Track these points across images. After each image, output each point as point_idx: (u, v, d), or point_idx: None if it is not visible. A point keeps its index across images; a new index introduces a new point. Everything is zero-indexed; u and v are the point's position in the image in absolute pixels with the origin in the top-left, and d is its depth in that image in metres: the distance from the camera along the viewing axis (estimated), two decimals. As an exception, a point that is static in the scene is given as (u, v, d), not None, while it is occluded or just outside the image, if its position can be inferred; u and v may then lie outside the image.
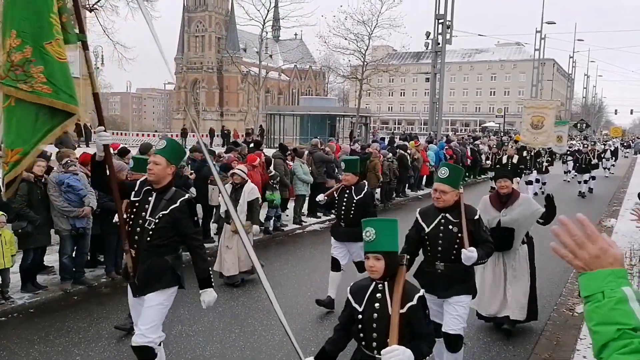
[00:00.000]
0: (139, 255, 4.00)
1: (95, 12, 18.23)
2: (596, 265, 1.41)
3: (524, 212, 5.44)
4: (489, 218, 5.38)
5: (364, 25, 33.43)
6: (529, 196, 5.57)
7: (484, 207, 5.47)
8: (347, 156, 9.66)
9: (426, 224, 4.32)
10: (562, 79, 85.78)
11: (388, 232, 2.89)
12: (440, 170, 4.24)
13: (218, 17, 76.19)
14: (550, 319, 6.32)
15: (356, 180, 6.38)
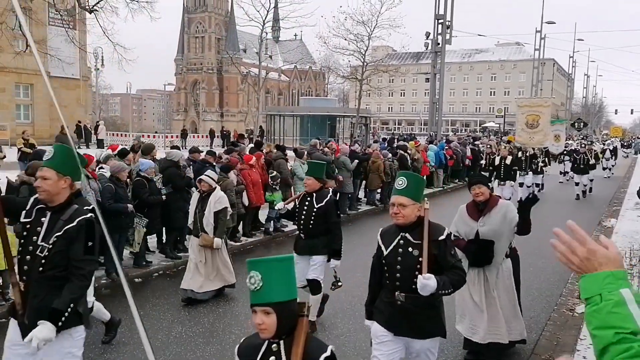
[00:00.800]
0: (29, 289, 3.29)
1: (95, 13, 18.21)
2: (587, 267, 1.42)
3: (503, 220, 4.85)
4: (466, 229, 4.90)
5: (363, 26, 33.35)
6: (509, 202, 5.08)
7: (461, 217, 5.01)
8: (313, 161, 8.39)
9: (385, 246, 3.62)
10: (562, 78, 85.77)
11: (279, 275, 2.20)
12: (397, 181, 3.53)
13: (218, 18, 76.19)
14: (550, 319, 6.33)
15: (319, 186, 5.67)
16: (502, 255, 4.92)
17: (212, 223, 6.63)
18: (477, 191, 4.92)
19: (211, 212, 6.62)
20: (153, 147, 9.47)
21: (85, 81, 36.78)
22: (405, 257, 3.49)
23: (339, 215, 5.87)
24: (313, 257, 5.68)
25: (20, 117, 31.81)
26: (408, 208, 3.44)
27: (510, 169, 13.36)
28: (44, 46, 21.37)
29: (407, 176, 3.57)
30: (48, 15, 27.79)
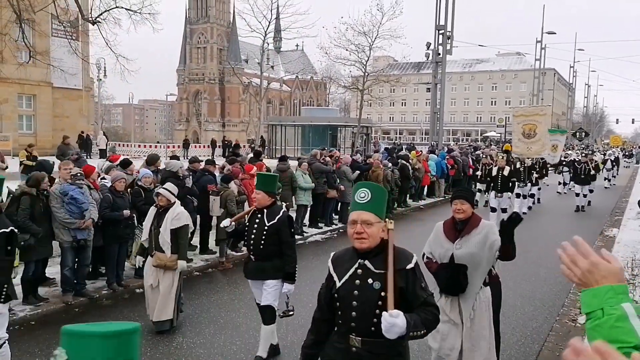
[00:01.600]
0: None
1: (97, 24, 18.34)
2: (590, 280, 1.42)
3: (483, 243, 4.17)
4: (441, 251, 4.24)
5: (364, 36, 33.56)
6: (492, 223, 4.38)
7: (436, 237, 4.36)
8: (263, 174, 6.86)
9: (338, 276, 2.82)
10: (563, 88, 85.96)
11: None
12: (357, 192, 2.82)
13: (220, 28, 76.68)
14: (552, 329, 6.30)
15: (270, 201, 5.02)
16: (479, 283, 4.22)
17: (168, 242, 5.93)
18: (458, 207, 4.25)
19: (167, 229, 5.94)
20: (158, 158, 9.52)
21: (87, 92, 36.98)
22: (363, 291, 2.71)
23: (293, 234, 5.14)
24: (266, 281, 5.08)
25: (23, 128, 31.94)
26: (374, 227, 2.71)
27: (508, 181, 12.78)
28: (47, 57, 21.48)
29: (370, 187, 2.86)
30: (51, 27, 28.01)
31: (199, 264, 9.02)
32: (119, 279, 7.56)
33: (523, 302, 7.37)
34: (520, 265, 9.49)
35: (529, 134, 15.85)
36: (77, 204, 6.76)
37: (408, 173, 15.79)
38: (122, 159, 9.29)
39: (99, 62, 37.32)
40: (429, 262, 4.28)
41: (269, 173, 6.13)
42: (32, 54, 19.85)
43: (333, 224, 12.88)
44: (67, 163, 7.20)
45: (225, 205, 8.89)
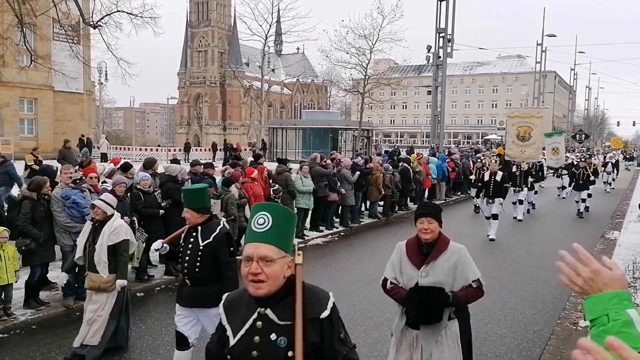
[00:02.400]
0: None
1: (99, 28, 18.40)
2: (593, 288, 1.41)
3: (453, 271, 3.56)
4: (404, 279, 3.60)
5: (365, 39, 33.62)
6: (462, 247, 3.68)
7: (398, 261, 3.69)
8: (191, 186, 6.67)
9: (233, 329, 2.10)
10: (563, 91, 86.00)
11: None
12: (255, 218, 2.05)
13: (221, 32, 76.88)
14: (554, 333, 6.29)
15: (202, 218, 4.34)
16: (445, 317, 3.55)
17: (104, 260, 5.28)
18: (425, 226, 3.59)
19: (104, 246, 5.29)
20: (155, 162, 9.52)
21: (89, 95, 37.05)
22: (265, 351, 2.01)
23: (233, 253, 4.40)
24: (204, 309, 4.38)
25: (25, 132, 32.00)
26: (275, 264, 1.97)
27: (500, 186, 12.12)
28: (48, 61, 21.54)
29: (272, 210, 2.05)
30: (52, 31, 28.09)
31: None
32: (120, 282, 7.55)
33: (524, 305, 7.37)
34: (521, 268, 9.50)
35: (524, 136, 15.30)
36: (79, 208, 6.77)
37: (409, 176, 15.79)
38: (123, 163, 9.32)
39: (100, 66, 37.48)
40: (394, 287, 3.66)
41: (194, 186, 5.13)
42: (33, 57, 19.89)
43: (334, 227, 12.89)
44: (68, 167, 7.21)
45: (226, 208, 8.89)
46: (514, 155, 15.54)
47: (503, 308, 7.21)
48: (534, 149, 15.49)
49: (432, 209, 3.78)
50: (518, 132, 15.45)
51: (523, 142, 15.35)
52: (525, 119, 15.70)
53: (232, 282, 4.28)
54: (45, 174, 7.31)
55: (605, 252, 10.67)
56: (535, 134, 15.37)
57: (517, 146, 15.51)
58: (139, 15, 18.94)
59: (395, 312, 3.96)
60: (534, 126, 15.44)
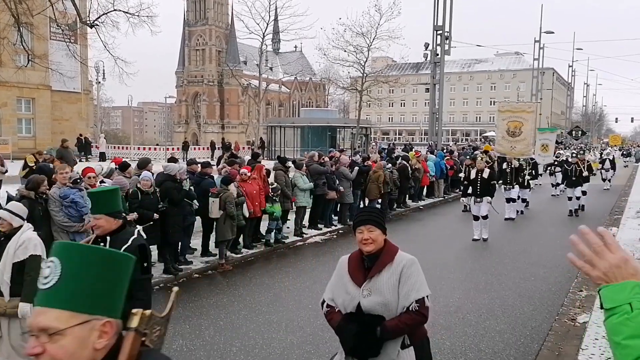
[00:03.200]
0: None
1: (96, 28, 18.37)
2: (616, 276, 1.35)
3: (399, 287, 2.92)
4: (345, 298, 3.02)
5: (363, 37, 33.65)
6: (412, 259, 3.04)
7: (339, 278, 3.12)
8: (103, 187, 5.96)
9: None
10: (562, 87, 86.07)
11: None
12: (42, 270, 1.37)
13: (218, 30, 76.74)
14: (552, 329, 6.31)
15: (116, 225, 3.76)
16: (396, 346, 2.92)
17: (7, 281, 4.45)
18: (365, 236, 2.99)
19: (8, 263, 4.46)
20: (149, 161, 9.51)
21: (86, 94, 36.99)
22: None
23: (147, 269, 3.78)
24: None
25: (22, 131, 31.95)
26: (66, 337, 1.31)
27: (488, 184, 11.61)
28: (45, 61, 21.51)
29: (65, 254, 1.38)
30: (49, 30, 28.02)
31: (198, 266, 9.04)
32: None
33: (522, 301, 7.39)
34: (519, 264, 9.52)
35: (514, 131, 14.79)
36: (77, 208, 6.77)
37: (407, 173, 15.80)
38: (122, 162, 9.32)
39: (98, 65, 37.39)
40: (330, 312, 3.09)
41: (104, 188, 4.67)
42: (30, 57, 19.86)
43: (333, 225, 12.90)
44: (63, 167, 7.21)
45: (225, 207, 8.90)
46: (504, 152, 15.09)
47: (501, 304, 7.23)
48: (525, 144, 14.94)
49: (372, 214, 3.15)
50: (508, 128, 14.96)
51: (513, 138, 14.85)
52: (516, 113, 15.20)
53: (142, 305, 3.14)
54: (42, 173, 7.31)
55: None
56: (526, 129, 14.85)
57: (507, 142, 15.03)
58: (136, 14, 18.94)
59: None
60: (525, 121, 14.95)
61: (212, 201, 8.98)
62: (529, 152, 15.38)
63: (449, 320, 6.57)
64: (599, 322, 6.26)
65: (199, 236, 9.79)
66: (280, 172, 11.23)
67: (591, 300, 7.17)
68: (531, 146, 15.62)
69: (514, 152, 14.77)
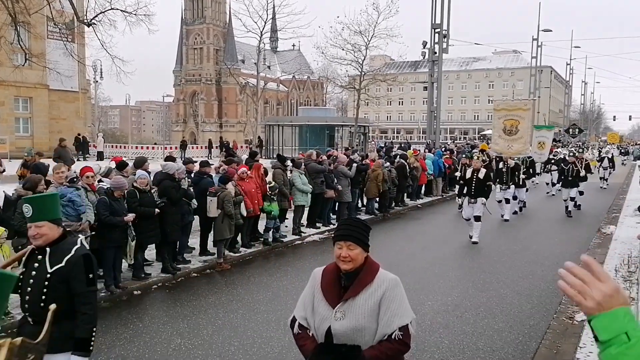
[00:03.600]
0: None
1: (93, 26, 18.33)
2: (610, 304, 1.32)
3: (377, 310, 2.59)
4: (317, 320, 2.68)
5: (361, 36, 33.67)
6: (394, 278, 2.71)
7: (312, 294, 2.76)
8: None
9: None
10: (560, 85, 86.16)
11: None
12: None
13: (216, 29, 76.61)
14: (550, 327, 6.32)
15: (57, 233, 3.34)
16: None
17: None
18: (344, 253, 2.65)
19: None
20: (145, 160, 9.47)
21: (84, 93, 36.91)
22: None
23: (93, 281, 3.34)
24: (48, 356, 2.96)
25: (20, 130, 31.88)
26: None
27: (483, 184, 11.15)
28: (42, 60, 21.45)
29: None
30: (47, 29, 27.95)
31: (197, 265, 9.03)
32: (117, 281, 7.55)
33: (520, 299, 7.40)
34: (517, 263, 9.53)
35: (510, 130, 14.42)
36: (75, 207, 6.76)
37: (406, 172, 15.80)
38: (119, 161, 9.29)
39: (95, 64, 37.36)
40: (302, 336, 2.76)
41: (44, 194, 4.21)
42: (27, 56, 19.82)
43: (331, 224, 12.89)
44: (59, 167, 7.19)
45: (223, 206, 8.89)
46: (501, 151, 14.67)
47: (499, 303, 7.24)
48: (522, 143, 14.52)
49: (354, 229, 2.72)
50: (504, 126, 14.55)
51: (510, 136, 14.45)
52: (512, 111, 14.76)
53: (88, 320, 3.29)
54: (38, 172, 7.29)
55: (601, 246, 10.72)
56: (523, 127, 14.45)
57: (504, 141, 14.59)
58: (133, 13, 18.89)
59: None
60: (521, 119, 14.51)
61: (210, 200, 8.97)
62: (526, 151, 15.09)
63: (447, 319, 6.58)
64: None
65: (197, 235, 9.79)
66: (279, 171, 11.22)
67: (589, 298, 7.18)
68: (528, 144, 15.31)
69: (511, 151, 14.41)
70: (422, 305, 7.06)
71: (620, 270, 8.28)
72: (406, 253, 10.37)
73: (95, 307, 3.40)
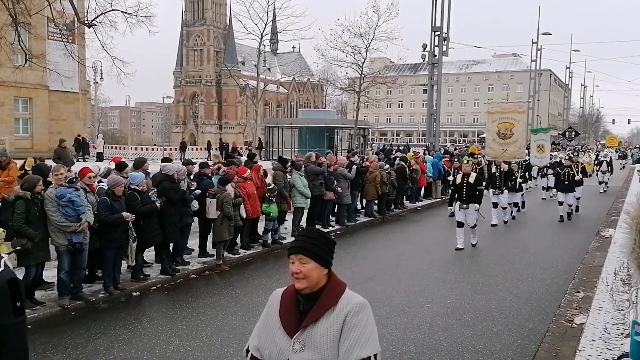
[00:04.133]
0: None
1: (94, 27, 18.34)
2: None
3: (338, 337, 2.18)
4: (271, 351, 2.29)
5: (361, 38, 33.73)
6: (361, 302, 2.23)
7: (268, 320, 2.41)
8: None
9: None
10: (559, 89, 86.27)
11: None
12: None
13: (216, 31, 76.70)
14: (549, 330, 6.31)
15: None
16: None
17: None
18: (295, 269, 2.30)
19: None
20: (144, 161, 9.47)
21: (84, 94, 36.91)
22: None
23: (21, 310, 2.63)
24: None
25: (19, 131, 31.86)
26: None
27: (474, 189, 10.59)
28: (43, 60, 21.45)
29: None
30: (47, 30, 27.96)
31: (196, 267, 9.02)
32: (116, 282, 7.54)
33: (519, 302, 7.39)
34: (516, 266, 9.53)
35: (505, 133, 13.96)
36: (74, 207, 6.75)
37: (405, 175, 15.81)
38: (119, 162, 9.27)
39: (95, 65, 37.37)
40: None
41: None
42: (28, 57, 19.81)
43: (330, 226, 12.90)
44: (58, 168, 7.18)
45: (222, 207, 8.88)
46: (496, 155, 14.23)
47: (498, 305, 7.23)
48: (517, 147, 14.05)
49: (308, 241, 2.32)
50: (499, 129, 14.08)
51: (504, 140, 13.97)
52: (507, 114, 14.28)
53: (18, 356, 2.71)
54: (40, 172, 7.29)
55: (600, 249, 10.73)
56: (518, 131, 14.02)
57: (498, 145, 14.12)
58: (134, 14, 18.90)
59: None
60: (516, 122, 14.07)
61: (209, 202, 8.96)
62: (521, 155, 14.65)
63: (446, 322, 6.57)
64: (596, 324, 6.28)
65: (197, 237, 9.78)
66: (280, 173, 11.22)
67: (588, 301, 7.19)
68: (524, 148, 14.72)
69: (506, 155, 13.99)
70: (421, 308, 7.05)
71: (620, 274, 8.28)
72: (405, 255, 10.37)
73: (25, 341, 2.76)
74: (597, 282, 8.06)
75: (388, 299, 7.46)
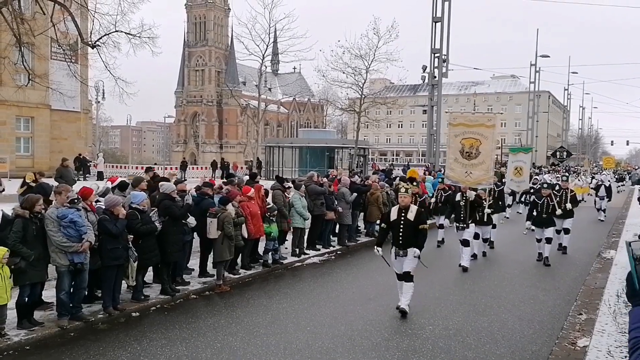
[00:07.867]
0: None
1: (97, 48, 18.55)
2: None
3: None
4: None
5: (361, 59, 34.06)
6: None
7: None
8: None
9: None
10: (557, 110, 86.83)
11: None
12: None
13: (218, 51, 77.52)
14: (552, 353, 6.25)
15: None
16: None
17: None
18: None
19: None
20: (142, 180, 9.47)
21: (86, 114, 37.09)
22: None
23: None
24: None
25: (21, 150, 31.94)
26: None
27: (415, 229, 7.53)
28: (45, 80, 21.64)
29: None
30: (50, 50, 28.24)
31: (196, 287, 8.96)
32: (116, 302, 7.49)
33: (522, 324, 7.34)
34: (518, 287, 9.48)
35: (470, 152, 11.01)
36: (77, 227, 6.73)
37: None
38: (119, 182, 9.28)
39: (98, 85, 37.60)
40: None
41: None
42: (31, 76, 19.98)
43: (331, 246, 12.84)
44: (67, 188, 7.18)
45: (223, 227, 8.86)
46: (457, 179, 11.24)
47: (501, 328, 7.17)
48: (483, 170, 10.99)
49: None
50: (462, 147, 11.08)
51: (469, 161, 10.99)
52: (473, 127, 11.17)
53: None
54: (42, 191, 7.27)
55: (602, 271, 10.67)
56: (485, 150, 10.97)
57: (460, 166, 11.10)
58: (137, 35, 19.15)
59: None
60: (484, 138, 11.01)
61: (210, 221, 8.95)
62: (488, 180, 11.32)
63: (449, 344, 6.51)
64: (599, 346, 6.22)
65: (197, 256, 9.74)
66: (279, 192, 11.22)
67: (591, 324, 7.13)
68: (491, 172, 11.50)
69: (469, 179, 10.95)
70: (423, 330, 6.99)
71: (622, 296, 8.23)
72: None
73: None
74: (600, 304, 8.01)
75: (389, 320, 7.40)
